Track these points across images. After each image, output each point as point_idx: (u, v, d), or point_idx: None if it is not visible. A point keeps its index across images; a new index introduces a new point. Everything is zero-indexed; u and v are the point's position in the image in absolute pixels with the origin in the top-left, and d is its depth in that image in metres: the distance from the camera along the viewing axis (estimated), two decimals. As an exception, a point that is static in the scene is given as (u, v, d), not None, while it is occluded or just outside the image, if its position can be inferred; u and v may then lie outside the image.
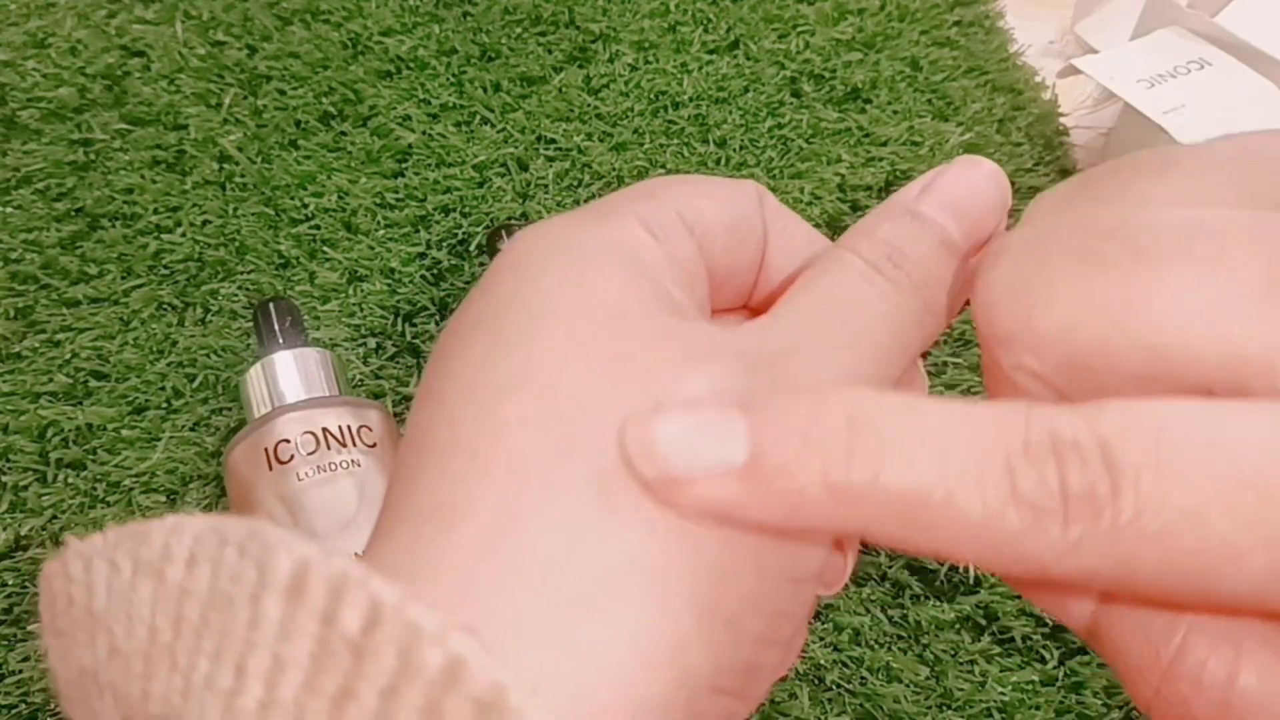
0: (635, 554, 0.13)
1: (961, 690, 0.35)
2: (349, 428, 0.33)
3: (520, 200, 0.46)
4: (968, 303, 0.18)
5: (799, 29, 0.51)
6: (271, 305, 0.37)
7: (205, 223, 0.45)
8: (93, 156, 0.47)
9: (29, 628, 0.36)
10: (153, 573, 0.13)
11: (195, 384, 0.41)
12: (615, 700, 0.13)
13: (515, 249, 0.17)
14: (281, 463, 0.32)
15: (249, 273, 0.44)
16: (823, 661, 0.35)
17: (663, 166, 0.47)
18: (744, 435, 0.13)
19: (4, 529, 0.38)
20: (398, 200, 0.46)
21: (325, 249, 0.44)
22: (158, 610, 0.13)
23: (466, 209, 0.46)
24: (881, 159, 0.47)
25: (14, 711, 0.35)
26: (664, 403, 0.14)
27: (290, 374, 0.35)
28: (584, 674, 0.13)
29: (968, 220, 0.18)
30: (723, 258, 0.19)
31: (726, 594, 0.14)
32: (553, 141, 0.48)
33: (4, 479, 0.39)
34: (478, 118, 0.48)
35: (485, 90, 0.49)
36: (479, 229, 0.45)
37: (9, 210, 0.45)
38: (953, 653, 0.35)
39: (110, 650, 0.13)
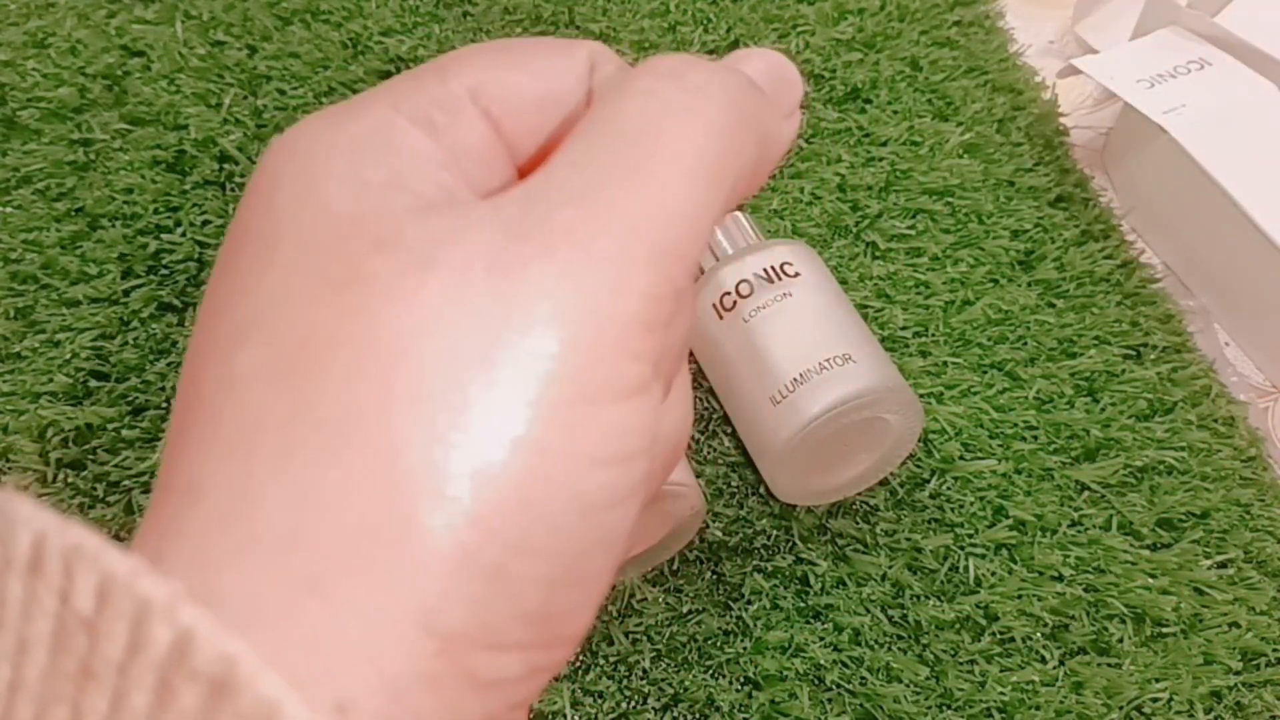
0: (371, 517, 0.12)
1: (961, 690, 0.35)
2: (771, 268, 0.37)
3: (520, 200, 0.46)
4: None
5: (799, 29, 0.51)
6: None
7: (205, 223, 0.45)
8: (93, 156, 0.47)
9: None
10: None
11: (195, 384, 0.41)
12: (365, 684, 0.12)
13: (262, 163, 0.15)
14: (728, 310, 0.37)
15: (249, 273, 0.44)
16: (823, 661, 0.35)
17: (663, 166, 0.47)
18: None
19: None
20: (398, 200, 0.46)
21: (325, 249, 0.44)
22: None
23: (466, 209, 0.46)
24: (881, 159, 0.47)
25: None
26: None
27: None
28: (328, 657, 0.12)
29: (772, 81, 0.18)
30: (528, 139, 0.17)
31: (487, 544, 0.12)
32: (553, 141, 0.48)
33: (4, 479, 0.39)
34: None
35: (485, 90, 0.49)
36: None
37: (9, 210, 0.45)
38: (953, 653, 0.35)
39: None
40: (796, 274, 0.37)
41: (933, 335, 0.42)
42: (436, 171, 0.15)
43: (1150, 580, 0.37)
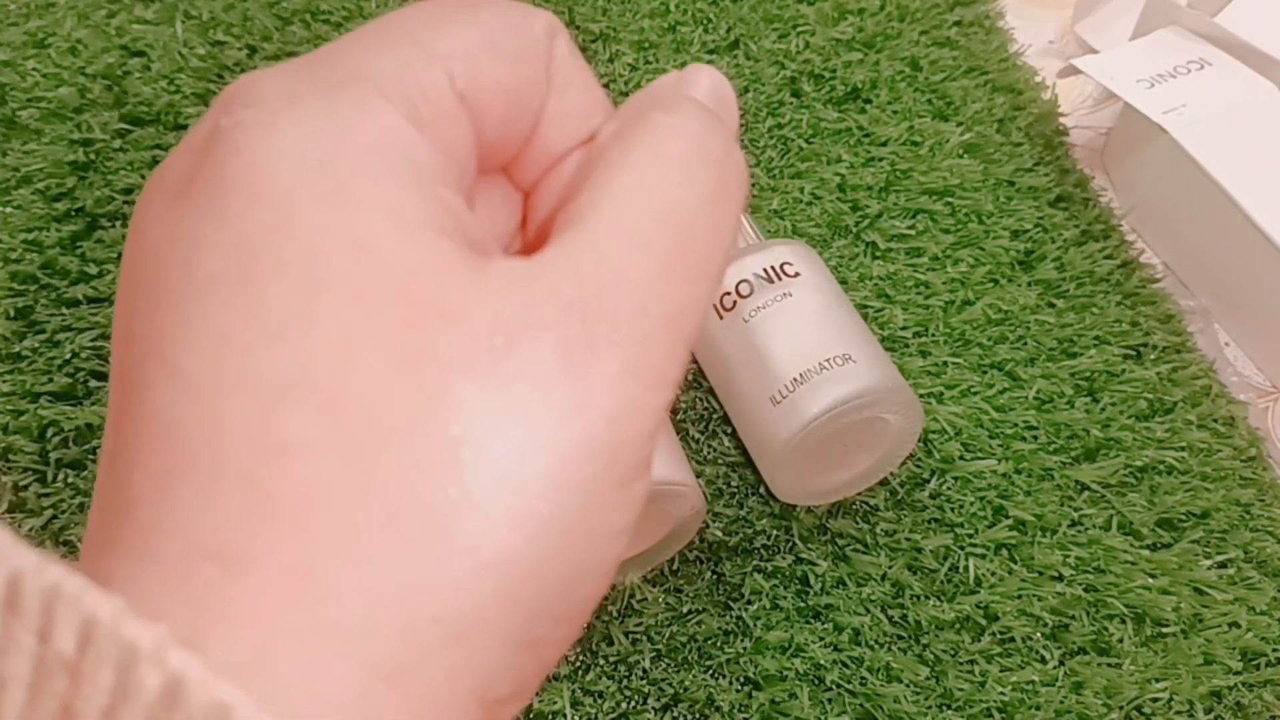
0: (444, 612, 0.12)
1: (961, 690, 0.35)
2: (771, 268, 0.37)
3: (520, 200, 0.46)
4: None
5: (799, 29, 0.51)
6: None
7: (205, 223, 0.45)
8: (93, 156, 0.47)
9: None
10: None
11: (195, 384, 0.41)
12: None
13: (249, 154, 0.13)
14: (728, 310, 0.37)
15: (249, 273, 0.44)
16: (823, 661, 0.35)
17: (663, 166, 0.47)
18: None
19: (4, 529, 0.38)
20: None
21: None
22: None
23: (466, 209, 0.46)
24: (881, 159, 0.47)
25: None
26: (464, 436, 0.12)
27: None
28: None
29: (730, 116, 0.18)
30: (494, 131, 0.16)
31: (535, 624, 0.13)
32: (553, 141, 0.48)
33: (4, 479, 0.39)
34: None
35: (485, 90, 0.49)
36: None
37: (9, 210, 0.45)
38: (953, 653, 0.35)
39: None
40: (796, 274, 0.37)
41: (933, 335, 0.42)
42: (446, 193, 0.15)
43: (1150, 580, 0.37)
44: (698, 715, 0.35)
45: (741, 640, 0.36)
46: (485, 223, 0.18)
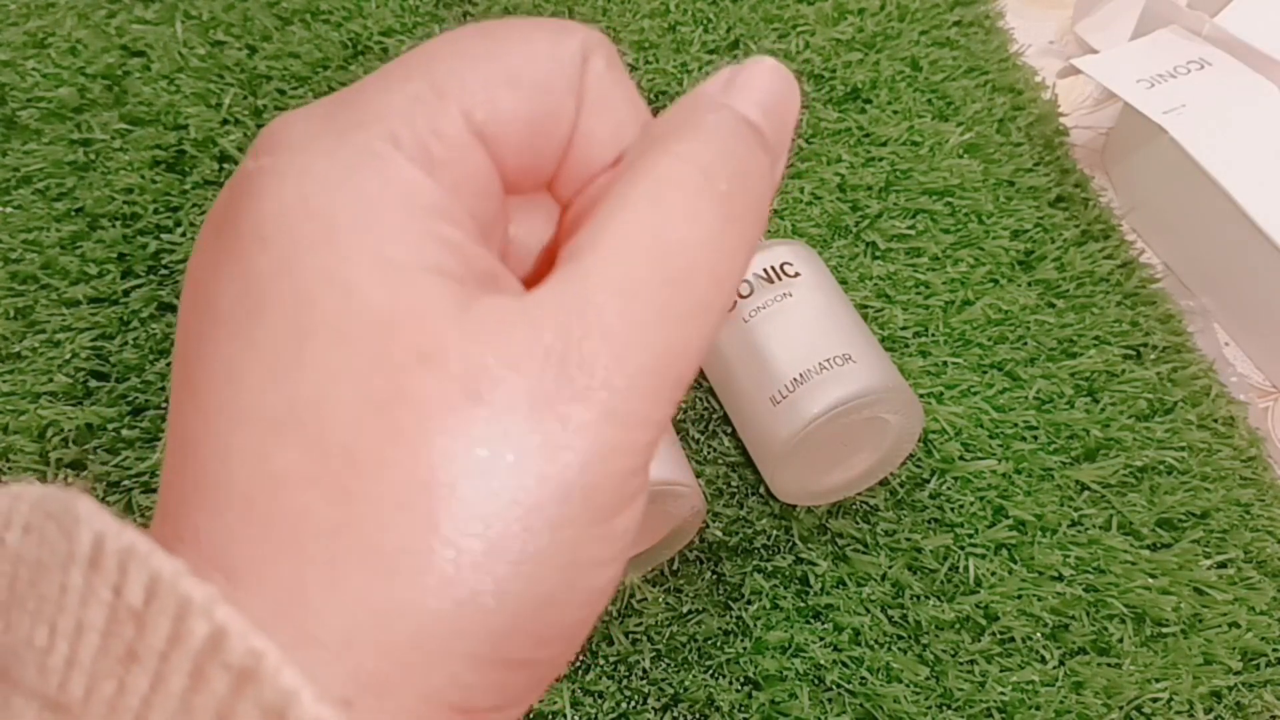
0: (421, 635, 0.13)
1: (961, 690, 0.35)
2: (771, 268, 0.37)
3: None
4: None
5: (799, 29, 0.51)
6: None
7: (205, 223, 0.45)
8: (93, 156, 0.47)
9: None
10: None
11: (195, 384, 0.41)
12: None
13: (261, 202, 0.15)
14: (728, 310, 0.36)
15: (249, 273, 0.44)
16: (823, 661, 0.35)
17: (663, 166, 0.47)
18: None
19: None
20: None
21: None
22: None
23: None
24: (881, 159, 0.47)
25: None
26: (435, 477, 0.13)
27: None
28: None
29: (781, 126, 0.18)
30: (517, 159, 0.17)
31: (518, 647, 0.14)
32: (553, 141, 0.48)
33: (4, 479, 0.39)
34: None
35: (485, 90, 0.49)
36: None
37: (9, 210, 0.45)
38: (953, 653, 0.35)
39: None
40: (796, 274, 0.37)
41: (933, 335, 0.42)
42: (450, 230, 0.15)
43: (1150, 580, 0.37)
44: (698, 715, 0.35)
45: (741, 640, 0.36)
46: (516, 233, 0.18)
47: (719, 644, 0.36)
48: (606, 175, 0.17)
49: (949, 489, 0.39)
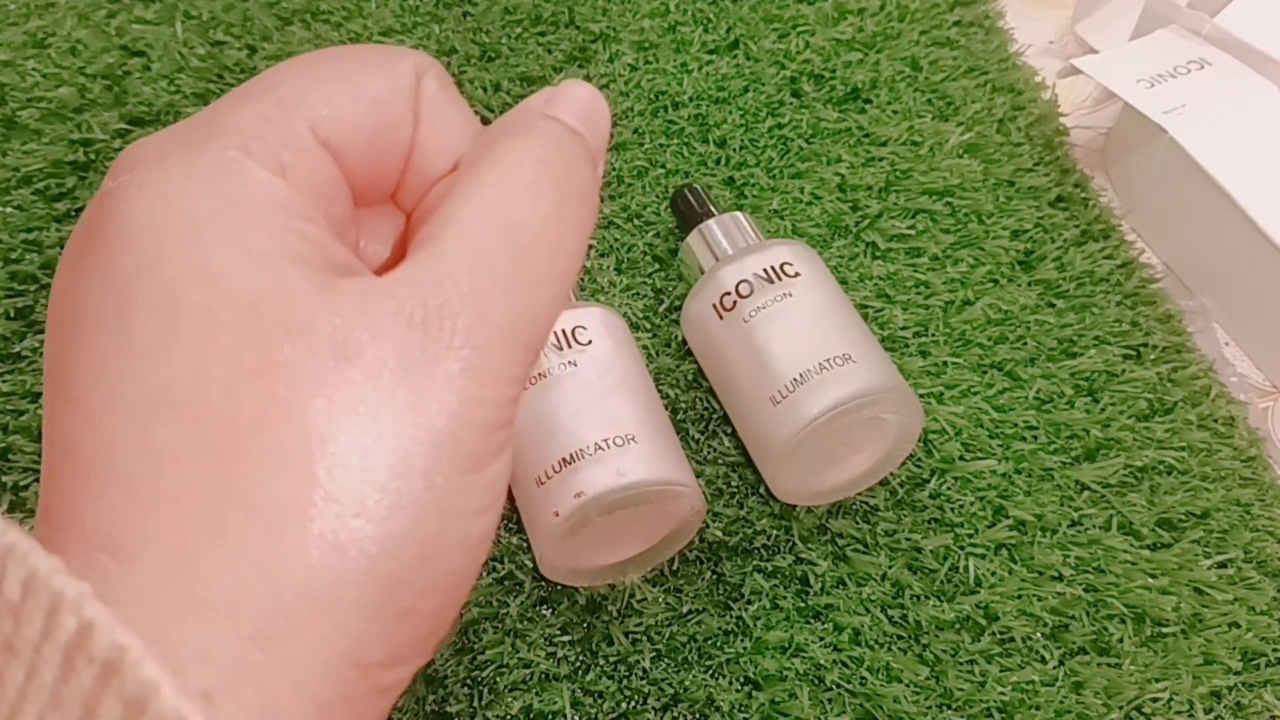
0: (306, 586, 0.14)
1: (961, 690, 0.35)
2: (772, 268, 0.37)
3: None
4: None
5: (799, 29, 0.51)
6: (688, 191, 0.43)
7: (205, 223, 0.45)
8: (93, 156, 0.47)
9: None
10: None
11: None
12: (301, 712, 0.14)
13: (124, 210, 0.16)
14: (728, 310, 0.37)
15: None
16: (823, 661, 0.35)
17: (662, 166, 0.47)
18: None
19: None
20: (398, 200, 0.46)
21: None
22: None
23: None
24: (881, 159, 0.47)
25: None
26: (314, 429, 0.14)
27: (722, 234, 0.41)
28: (272, 697, 0.14)
29: (596, 135, 0.20)
30: (362, 167, 0.18)
31: (401, 595, 0.15)
32: (553, 141, 0.48)
33: (4, 479, 0.39)
34: (478, 118, 0.48)
35: (485, 90, 0.49)
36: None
37: (9, 210, 0.45)
38: (953, 653, 0.35)
39: None
40: (796, 274, 0.37)
41: (933, 335, 0.42)
42: (306, 225, 0.16)
43: (1150, 580, 0.37)
44: (698, 715, 0.35)
45: (741, 640, 0.36)
46: (366, 246, 0.20)
47: (719, 644, 0.36)
48: (446, 180, 0.19)
49: (949, 489, 0.39)
